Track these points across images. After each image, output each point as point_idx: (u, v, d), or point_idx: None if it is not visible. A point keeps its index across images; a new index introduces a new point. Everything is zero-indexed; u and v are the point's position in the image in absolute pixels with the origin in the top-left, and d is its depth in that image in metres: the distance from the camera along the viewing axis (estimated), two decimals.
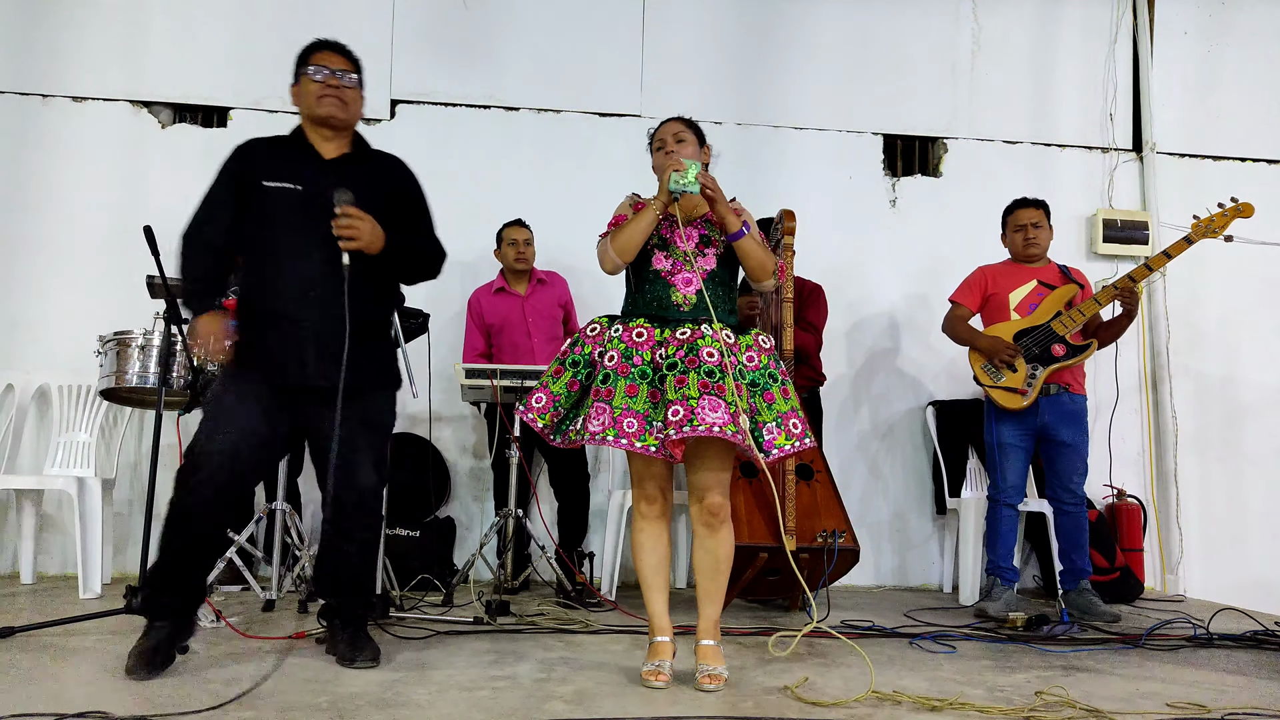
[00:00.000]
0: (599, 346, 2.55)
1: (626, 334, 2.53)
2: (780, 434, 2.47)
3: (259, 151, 2.70)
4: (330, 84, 2.64)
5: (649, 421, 2.43)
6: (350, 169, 2.68)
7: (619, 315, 2.64)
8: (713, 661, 2.50)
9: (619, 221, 2.65)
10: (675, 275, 2.59)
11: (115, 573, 4.25)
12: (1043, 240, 4.03)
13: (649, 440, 2.41)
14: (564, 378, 2.56)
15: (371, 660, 2.58)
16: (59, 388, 4.26)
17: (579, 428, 2.49)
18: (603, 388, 2.47)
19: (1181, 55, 5.28)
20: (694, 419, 2.34)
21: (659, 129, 2.76)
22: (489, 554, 3.90)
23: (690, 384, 2.39)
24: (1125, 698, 2.46)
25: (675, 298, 2.57)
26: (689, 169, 2.51)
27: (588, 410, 2.47)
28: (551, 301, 4.42)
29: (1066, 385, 3.90)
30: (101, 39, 4.64)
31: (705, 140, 2.76)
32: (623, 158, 4.83)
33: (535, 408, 2.56)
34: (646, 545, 2.59)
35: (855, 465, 4.86)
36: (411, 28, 4.83)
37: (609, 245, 2.60)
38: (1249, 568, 4.92)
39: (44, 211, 4.52)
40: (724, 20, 5.02)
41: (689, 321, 2.53)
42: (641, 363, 2.48)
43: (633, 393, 2.45)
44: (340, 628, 2.68)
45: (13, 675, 2.41)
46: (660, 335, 2.52)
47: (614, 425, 2.41)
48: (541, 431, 2.56)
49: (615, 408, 2.43)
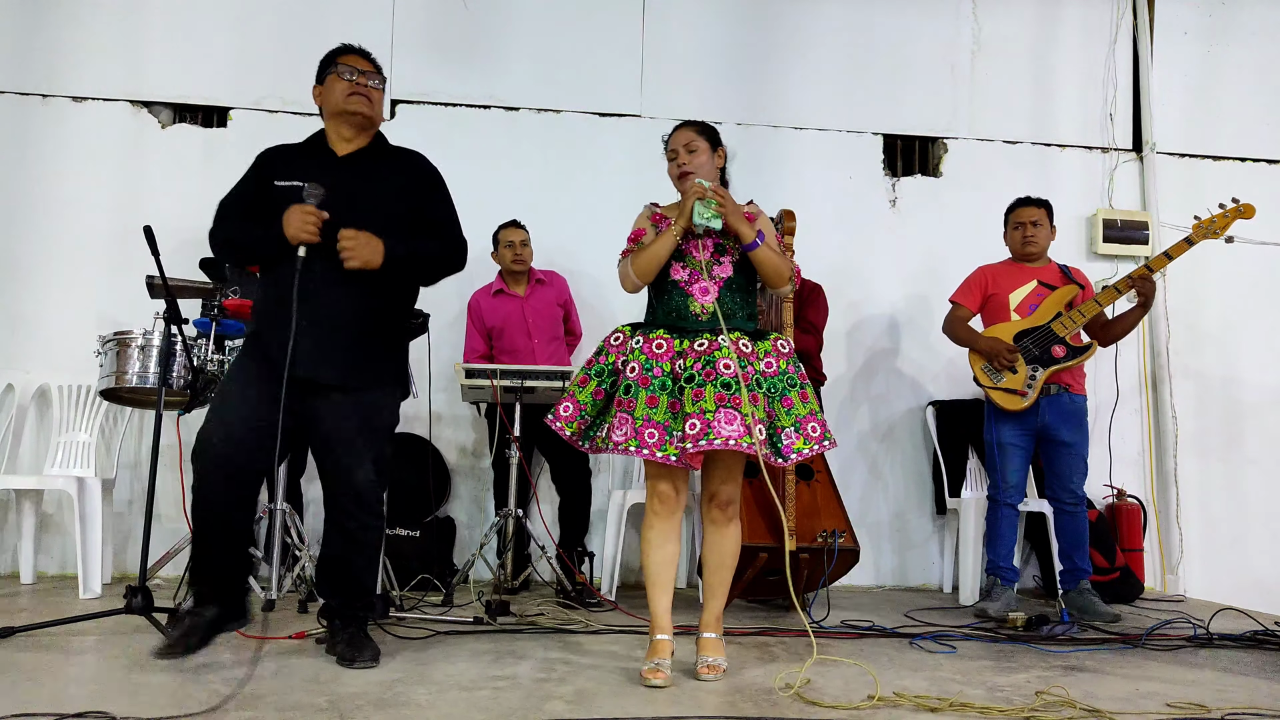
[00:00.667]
0: (621, 356, 2.60)
1: (647, 345, 2.57)
2: (799, 439, 2.55)
3: (276, 157, 2.77)
4: (360, 82, 2.71)
5: (669, 432, 2.49)
6: (362, 164, 2.72)
7: (641, 324, 2.68)
8: (713, 653, 2.58)
9: (638, 236, 2.70)
10: (693, 285, 2.63)
11: (115, 573, 4.25)
12: (1042, 239, 4.02)
13: (669, 450, 2.48)
14: (589, 387, 2.63)
15: (372, 660, 2.58)
16: (59, 388, 4.26)
17: (603, 436, 2.57)
18: (625, 398, 2.53)
19: (1181, 55, 5.28)
20: (710, 432, 2.41)
21: (671, 136, 2.77)
22: (489, 554, 3.90)
23: (707, 397, 2.45)
24: (1125, 698, 2.46)
25: (693, 308, 2.61)
26: (709, 203, 2.55)
27: (611, 420, 2.54)
28: (551, 301, 4.42)
29: (1067, 385, 3.90)
30: (101, 39, 4.64)
31: (719, 143, 2.77)
32: (623, 158, 4.84)
33: (563, 416, 2.62)
34: (655, 541, 2.63)
35: (855, 465, 4.86)
36: (411, 28, 4.83)
37: (629, 268, 2.66)
38: (1249, 568, 4.92)
39: (44, 211, 4.52)
40: (724, 20, 5.02)
41: (707, 332, 2.56)
42: (661, 374, 2.53)
43: (653, 404, 2.51)
44: (340, 628, 2.69)
45: (13, 675, 2.41)
46: (679, 346, 2.56)
47: (636, 436, 2.49)
48: (570, 439, 2.63)
49: (637, 418, 2.50)
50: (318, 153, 2.74)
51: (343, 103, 2.70)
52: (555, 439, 2.68)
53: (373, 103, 2.73)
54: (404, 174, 2.79)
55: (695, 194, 2.57)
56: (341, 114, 2.71)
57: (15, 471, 4.19)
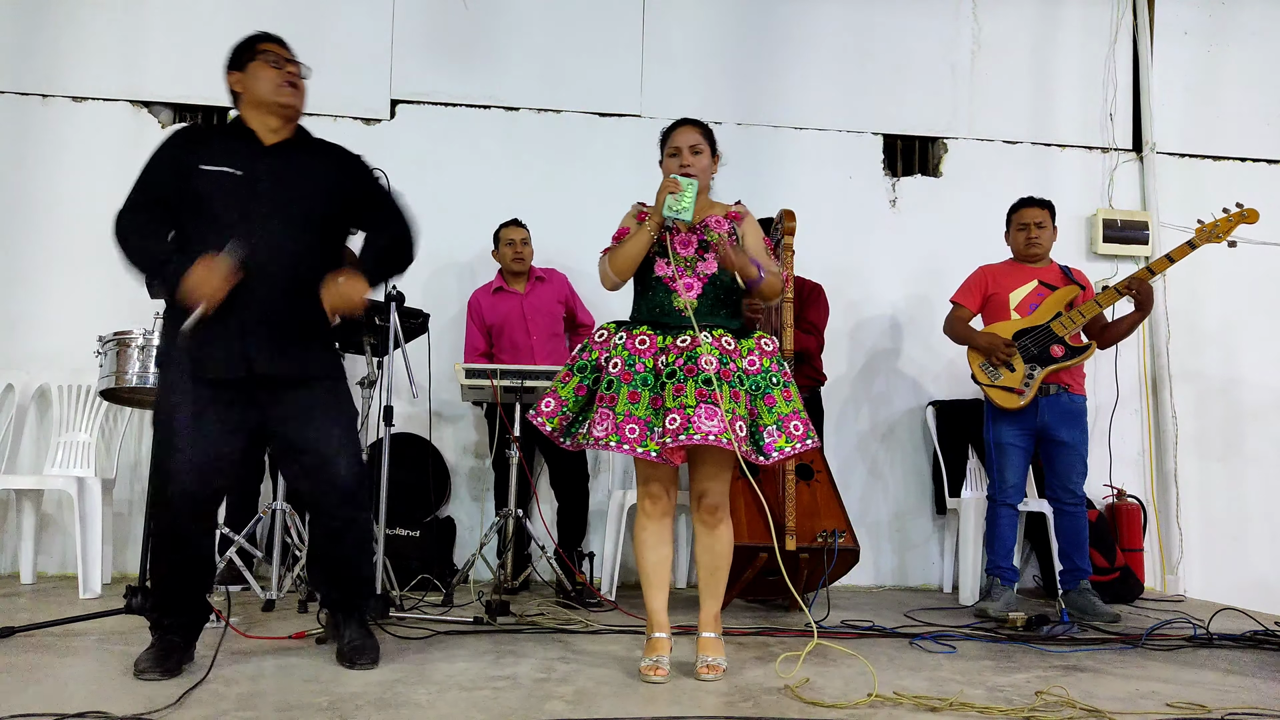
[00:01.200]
0: (605, 352, 2.60)
1: (630, 341, 2.58)
2: (780, 437, 2.53)
3: (197, 137, 2.66)
4: (291, 72, 2.62)
5: (650, 427, 2.49)
6: (291, 155, 2.62)
7: (625, 321, 2.68)
8: (712, 652, 2.59)
9: (621, 234, 2.71)
10: (676, 281, 2.62)
11: (115, 573, 4.25)
12: (1045, 240, 4.02)
13: (650, 446, 2.48)
14: (572, 383, 2.62)
15: (371, 662, 2.56)
16: (59, 388, 4.26)
17: (585, 432, 2.57)
18: (606, 394, 2.53)
19: (1181, 55, 5.28)
20: (690, 427, 2.41)
21: (674, 134, 2.74)
22: (489, 554, 3.90)
23: (687, 392, 2.45)
24: (1125, 698, 2.46)
25: (677, 303, 2.62)
26: (685, 191, 2.54)
27: (593, 415, 2.54)
28: (551, 299, 4.42)
29: (1066, 386, 3.90)
30: (101, 39, 4.64)
31: (717, 148, 2.77)
32: (623, 158, 4.84)
33: (545, 412, 2.61)
34: (649, 543, 2.65)
35: (855, 465, 4.86)
36: (411, 28, 4.83)
37: (607, 265, 2.67)
38: (1249, 568, 4.92)
39: (44, 211, 4.52)
40: (724, 20, 5.02)
41: (690, 328, 2.55)
42: (644, 369, 2.53)
43: (635, 399, 2.51)
44: (343, 622, 2.66)
45: (13, 675, 2.41)
46: (662, 342, 2.56)
47: (616, 431, 2.49)
48: (551, 435, 2.62)
49: (618, 414, 2.50)
50: (243, 139, 2.60)
51: (274, 94, 2.59)
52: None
53: (300, 94, 2.64)
54: (334, 169, 2.68)
55: (668, 188, 2.57)
56: (271, 105, 2.60)
57: (15, 471, 4.19)
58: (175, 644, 2.50)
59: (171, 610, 2.54)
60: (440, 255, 4.67)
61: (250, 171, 2.53)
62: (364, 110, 4.77)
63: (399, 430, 4.03)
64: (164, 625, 2.53)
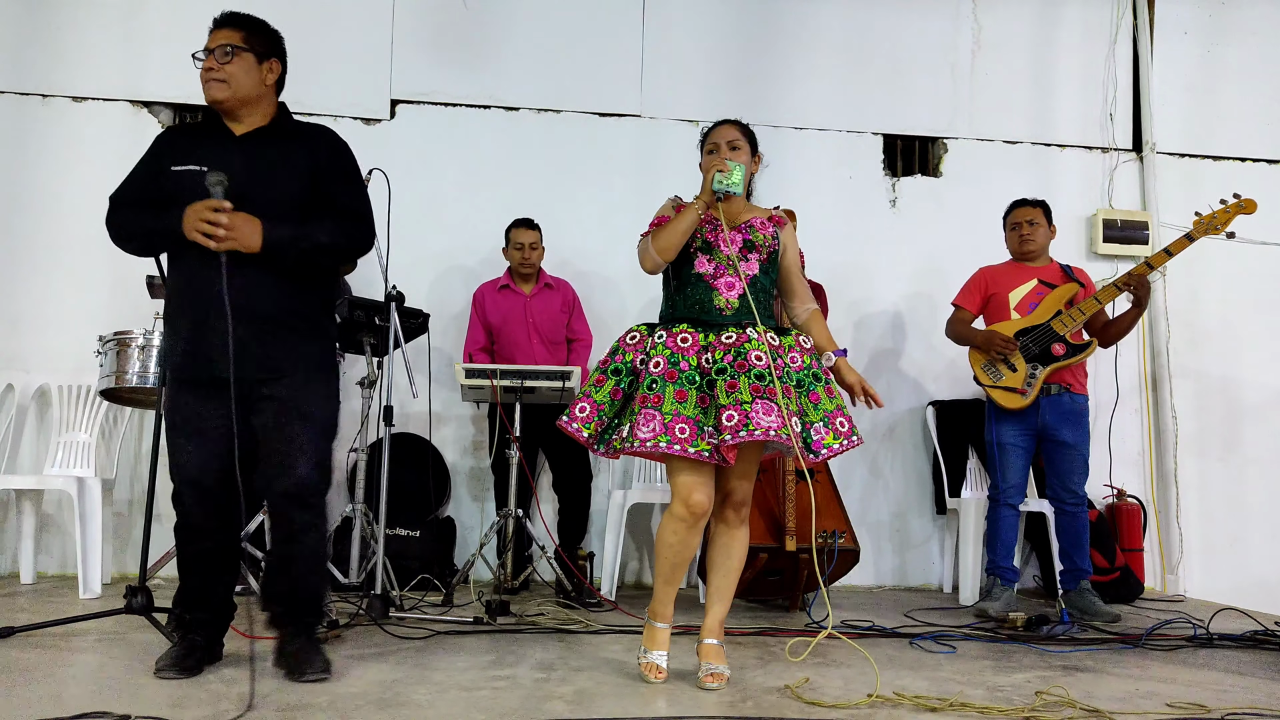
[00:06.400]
0: (641, 354, 2.53)
1: (671, 340, 2.50)
2: (829, 434, 2.50)
3: (175, 138, 2.62)
4: (207, 66, 2.49)
5: (700, 427, 2.41)
6: (261, 143, 2.54)
7: (658, 322, 2.62)
8: (716, 660, 2.52)
9: (661, 221, 2.63)
10: (718, 279, 2.57)
11: (115, 573, 4.26)
12: (1039, 238, 4.02)
13: (701, 445, 2.40)
14: (606, 386, 2.53)
15: (323, 672, 2.42)
16: (59, 388, 4.26)
17: (625, 435, 2.45)
18: (649, 394, 2.44)
19: (1181, 55, 5.28)
20: (749, 423, 2.35)
21: (714, 131, 2.72)
22: (489, 554, 3.90)
23: (742, 388, 2.40)
24: (1125, 698, 2.46)
25: (718, 301, 2.55)
26: (733, 170, 2.52)
27: (634, 418, 2.43)
28: (556, 307, 4.41)
29: (1067, 385, 3.90)
30: (101, 39, 4.64)
31: (758, 147, 2.75)
32: (623, 158, 4.84)
33: (579, 417, 2.51)
34: (675, 545, 2.50)
35: (855, 465, 4.86)
36: (411, 28, 4.83)
37: (650, 244, 2.59)
38: (1249, 568, 4.92)
39: (44, 211, 4.52)
40: (724, 20, 5.02)
41: (733, 325, 2.52)
42: (689, 368, 2.46)
43: (682, 398, 2.43)
44: (288, 639, 2.49)
45: (13, 675, 2.41)
46: (705, 340, 2.50)
47: (666, 431, 2.38)
48: (586, 442, 2.52)
49: (665, 413, 2.40)
50: (215, 133, 2.55)
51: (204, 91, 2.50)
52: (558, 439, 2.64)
53: (229, 82, 2.47)
54: (309, 153, 2.56)
55: (715, 165, 2.55)
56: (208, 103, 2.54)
57: (15, 471, 4.19)
58: (196, 644, 2.49)
59: (192, 605, 2.55)
60: (440, 255, 4.67)
61: (218, 166, 2.43)
62: (364, 110, 4.77)
63: (399, 430, 4.03)
64: (186, 623, 2.54)
